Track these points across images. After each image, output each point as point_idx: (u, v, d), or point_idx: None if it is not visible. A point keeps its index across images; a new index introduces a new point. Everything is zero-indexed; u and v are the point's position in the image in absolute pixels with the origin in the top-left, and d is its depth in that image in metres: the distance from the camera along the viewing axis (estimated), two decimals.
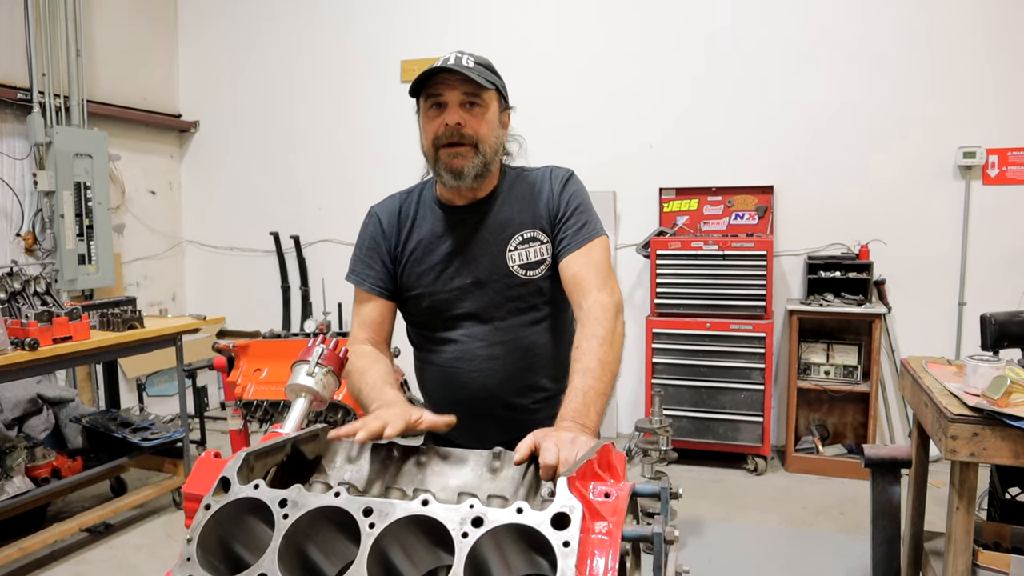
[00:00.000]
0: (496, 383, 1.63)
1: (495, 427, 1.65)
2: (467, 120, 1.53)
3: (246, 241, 6.07)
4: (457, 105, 1.53)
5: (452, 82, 1.52)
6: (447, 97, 1.53)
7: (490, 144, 1.58)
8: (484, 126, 1.56)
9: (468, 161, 1.55)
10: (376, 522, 0.87)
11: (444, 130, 1.53)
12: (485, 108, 1.56)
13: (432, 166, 1.60)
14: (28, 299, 3.42)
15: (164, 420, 4.33)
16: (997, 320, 2.64)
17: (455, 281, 1.64)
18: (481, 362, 1.63)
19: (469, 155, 1.54)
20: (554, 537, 0.81)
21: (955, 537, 2.16)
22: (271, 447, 1.07)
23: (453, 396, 1.66)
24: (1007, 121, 4.42)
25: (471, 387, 1.64)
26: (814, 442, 4.59)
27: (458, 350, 1.65)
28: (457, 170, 1.55)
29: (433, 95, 1.54)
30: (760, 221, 4.84)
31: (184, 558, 0.89)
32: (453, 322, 1.66)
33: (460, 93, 1.52)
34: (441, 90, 1.52)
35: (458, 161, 1.54)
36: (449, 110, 1.53)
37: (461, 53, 1.55)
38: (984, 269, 4.51)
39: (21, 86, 4.68)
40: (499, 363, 1.63)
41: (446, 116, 1.53)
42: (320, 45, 5.77)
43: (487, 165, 1.58)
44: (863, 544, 3.21)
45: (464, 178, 1.56)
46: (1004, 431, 2.03)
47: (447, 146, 1.54)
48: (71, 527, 3.48)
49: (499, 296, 1.63)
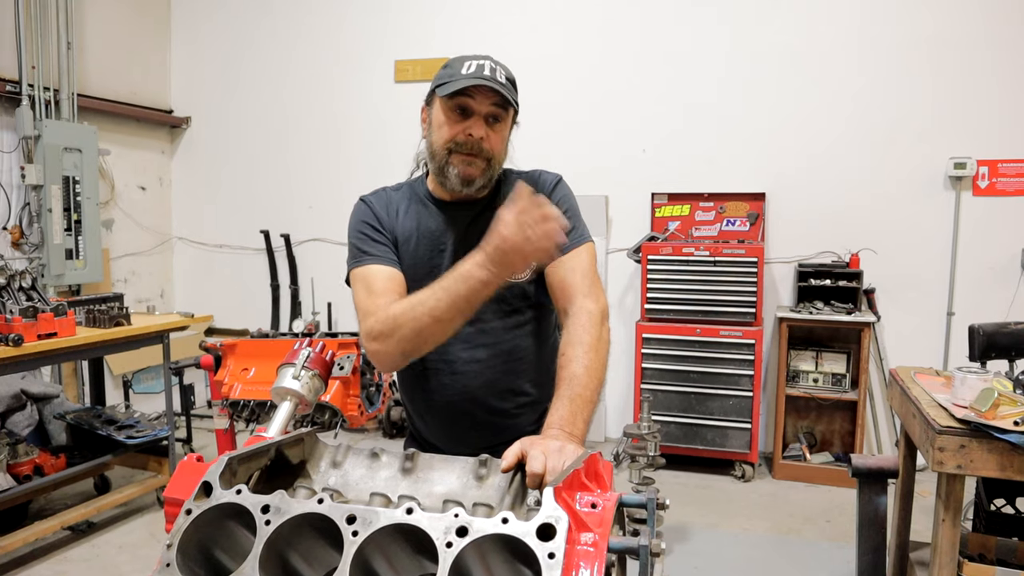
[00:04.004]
0: (477, 386, 1.62)
1: (476, 432, 1.64)
2: (489, 135, 1.55)
3: (236, 239, 6.04)
4: (482, 117, 1.54)
5: (484, 92, 1.52)
6: (477, 107, 1.53)
7: (501, 159, 1.61)
8: (500, 143, 1.59)
9: (479, 172, 1.57)
10: (359, 530, 0.86)
11: (465, 139, 1.54)
12: (504, 124, 1.59)
13: (438, 165, 1.59)
14: (13, 294, 3.39)
15: (150, 418, 4.29)
16: (985, 331, 2.65)
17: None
18: (463, 364, 1.62)
19: (481, 168, 1.57)
20: (539, 548, 0.80)
21: (941, 548, 2.17)
22: (255, 451, 1.06)
23: (434, 399, 1.66)
24: (998, 132, 4.45)
25: (452, 389, 1.63)
26: (802, 449, 4.61)
27: (439, 351, 1.62)
28: (469, 178, 1.57)
29: (461, 99, 1.53)
30: (751, 228, 4.85)
31: (164, 564, 0.88)
32: None
33: (489, 105, 1.53)
34: (473, 96, 1.52)
35: (471, 170, 1.56)
36: (475, 121, 1.53)
37: (495, 64, 1.55)
38: (973, 280, 4.54)
39: (10, 78, 4.64)
40: (481, 366, 1.62)
41: (472, 127, 1.53)
42: (314, 43, 5.75)
43: (493, 177, 1.62)
44: (849, 552, 3.22)
45: (472, 186, 1.58)
46: (991, 443, 2.04)
47: (463, 154, 1.55)
48: (53, 525, 3.45)
49: None
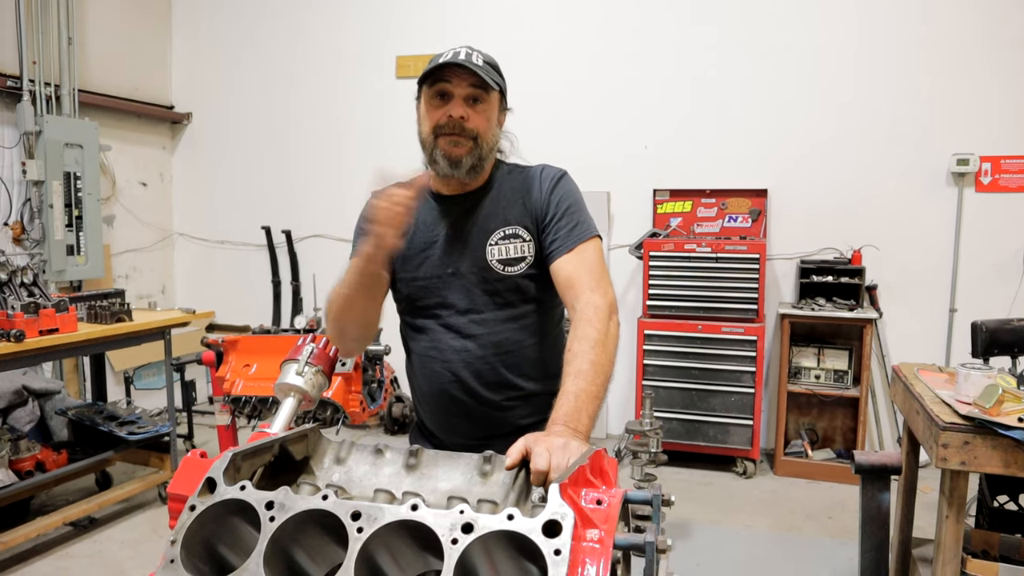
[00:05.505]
0: (466, 375, 1.62)
1: (468, 422, 1.66)
2: (470, 114, 1.57)
3: (237, 235, 6.04)
4: (462, 99, 1.56)
5: (461, 75, 1.55)
6: (454, 89, 1.56)
7: (488, 140, 1.61)
8: (485, 122, 1.59)
9: (466, 151, 1.57)
10: (364, 526, 0.86)
11: (447, 120, 1.56)
12: (488, 106, 1.60)
13: (428, 153, 1.62)
14: (15, 290, 3.39)
15: (151, 414, 4.30)
16: (988, 328, 2.65)
17: (435, 269, 1.64)
18: (452, 352, 1.63)
19: (468, 146, 1.57)
20: (545, 545, 0.80)
21: (944, 545, 2.16)
22: (258, 447, 1.05)
23: (428, 386, 1.68)
24: (1001, 129, 4.44)
25: (443, 378, 1.64)
26: (803, 446, 4.61)
27: (432, 339, 1.66)
28: (455, 159, 1.57)
29: (440, 84, 1.56)
30: (753, 224, 4.84)
31: (168, 560, 0.87)
32: (431, 311, 1.66)
33: (467, 87, 1.55)
34: (449, 79, 1.55)
35: (457, 150, 1.57)
36: (454, 102, 1.56)
37: (471, 49, 1.58)
38: (975, 276, 4.53)
39: (11, 74, 4.63)
40: (469, 355, 1.62)
41: (451, 108, 1.56)
42: (315, 39, 5.74)
43: (482, 159, 1.61)
44: (851, 549, 3.22)
45: (460, 167, 1.58)
46: (995, 440, 2.03)
47: (447, 135, 1.56)
48: (55, 521, 3.45)
49: (476, 289, 1.62)
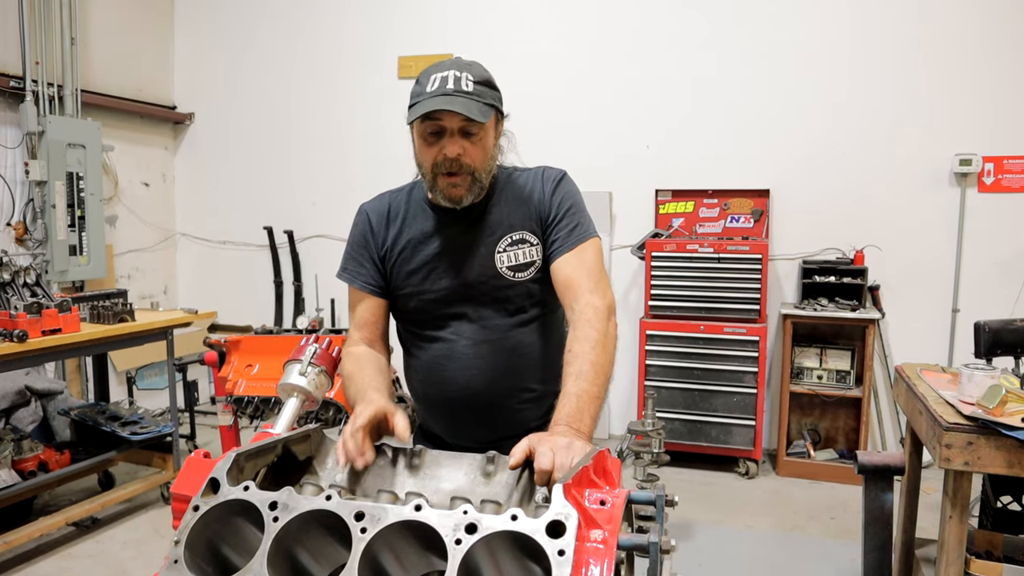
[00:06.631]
0: (481, 383, 1.62)
1: (481, 427, 1.66)
2: (466, 149, 1.51)
3: (239, 235, 6.04)
4: (457, 133, 1.50)
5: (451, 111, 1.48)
6: (446, 125, 1.49)
7: (486, 169, 1.58)
8: (481, 154, 1.54)
9: (465, 189, 1.55)
10: (368, 527, 0.86)
11: (443, 159, 1.51)
12: (483, 134, 1.54)
13: (428, 184, 1.60)
14: (17, 290, 3.39)
15: (154, 414, 4.30)
16: (991, 328, 2.64)
17: (443, 282, 1.63)
18: (467, 360, 1.63)
19: (466, 184, 1.55)
20: (549, 545, 0.80)
21: (948, 546, 2.16)
22: (262, 447, 1.05)
23: (439, 394, 1.67)
24: (1004, 129, 4.43)
25: (456, 385, 1.64)
26: (806, 446, 4.60)
27: (445, 348, 1.65)
28: (455, 199, 1.57)
29: (431, 121, 1.49)
30: (756, 224, 4.83)
31: (171, 560, 0.87)
32: (441, 321, 1.66)
33: (460, 120, 1.48)
34: (440, 117, 1.48)
35: (456, 191, 1.55)
36: (449, 141, 1.50)
37: (459, 72, 1.49)
38: (978, 276, 4.52)
39: (14, 74, 4.63)
40: (485, 362, 1.62)
41: (446, 147, 1.50)
42: (317, 39, 5.74)
43: (482, 188, 1.60)
44: (854, 550, 3.21)
45: (461, 203, 1.58)
46: (999, 440, 2.03)
47: (445, 175, 1.53)
48: (57, 521, 3.45)
49: (487, 297, 1.62)
